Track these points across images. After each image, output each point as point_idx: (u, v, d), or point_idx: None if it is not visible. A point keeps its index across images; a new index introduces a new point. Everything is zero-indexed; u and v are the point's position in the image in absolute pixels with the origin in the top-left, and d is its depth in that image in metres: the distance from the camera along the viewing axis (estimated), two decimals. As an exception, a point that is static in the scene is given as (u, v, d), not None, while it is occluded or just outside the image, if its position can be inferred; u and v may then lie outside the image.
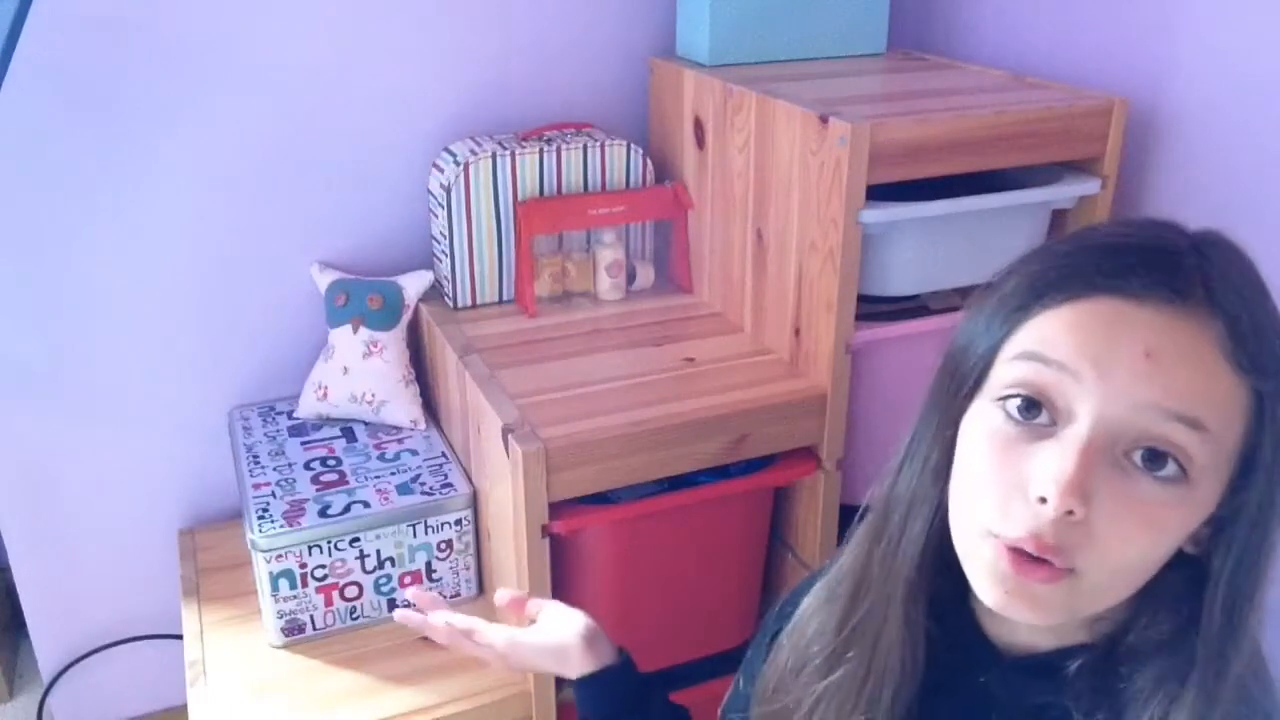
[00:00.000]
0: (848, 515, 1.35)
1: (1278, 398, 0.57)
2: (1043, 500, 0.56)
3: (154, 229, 1.48)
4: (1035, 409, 0.58)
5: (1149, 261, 0.58)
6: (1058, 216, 1.37)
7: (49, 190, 1.42)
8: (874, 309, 1.31)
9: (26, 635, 1.66)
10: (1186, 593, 0.60)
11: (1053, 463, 0.56)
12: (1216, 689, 0.58)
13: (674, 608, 1.39)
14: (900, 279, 1.30)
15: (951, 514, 0.64)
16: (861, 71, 1.50)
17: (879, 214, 1.20)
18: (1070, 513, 0.55)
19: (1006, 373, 0.60)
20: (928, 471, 0.67)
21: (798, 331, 1.33)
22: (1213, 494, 0.57)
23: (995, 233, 1.32)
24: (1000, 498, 0.58)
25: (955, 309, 1.36)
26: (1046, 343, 0.58)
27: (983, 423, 0.61)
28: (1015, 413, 0.59)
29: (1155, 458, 0.55)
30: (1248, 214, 1.25)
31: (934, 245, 1.29)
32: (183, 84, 1.43)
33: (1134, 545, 0.56)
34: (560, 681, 1.30)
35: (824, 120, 1.19)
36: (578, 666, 0.88)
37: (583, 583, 1.31)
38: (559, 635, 0.90)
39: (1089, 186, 1.31)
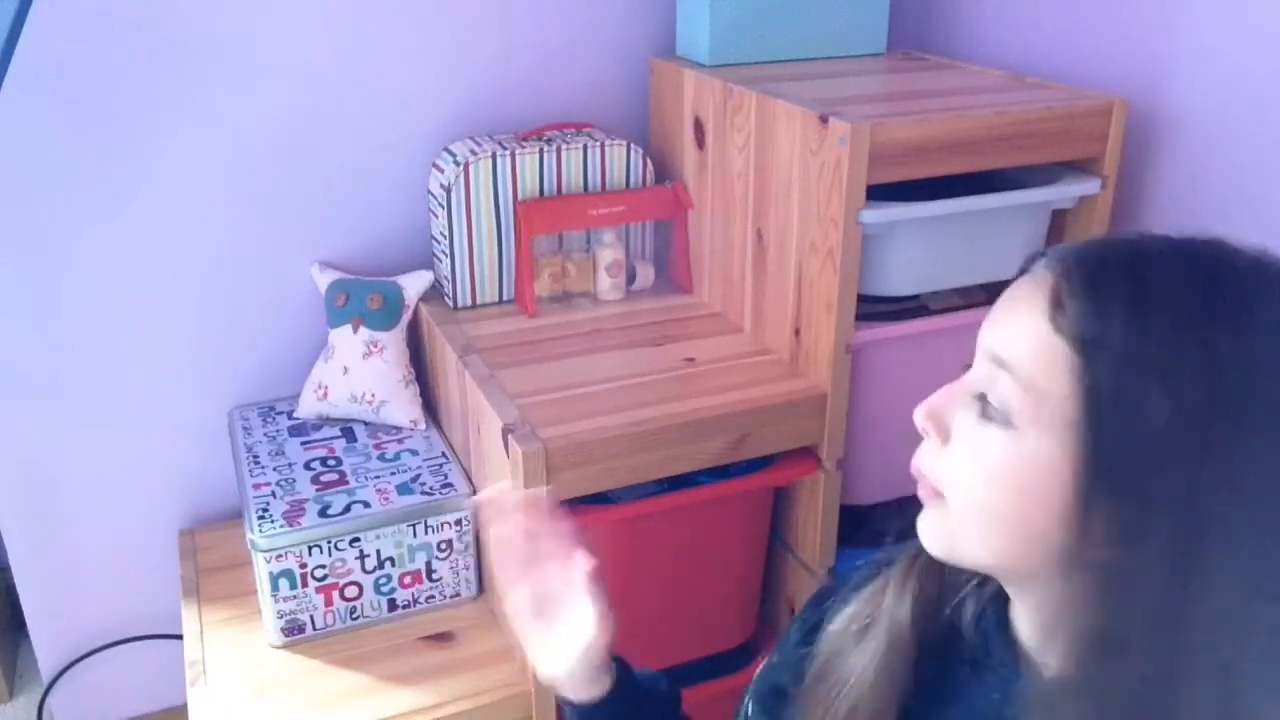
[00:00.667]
0: (847, 515, 1.36)
1: (1109, 354, 0.55)
2: (917, 425, 0.65)
3: (154, 229, 1.48)
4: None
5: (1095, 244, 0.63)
6: (1058, 216, 1.37)
7: (49, 190, 1.42)
8: (874, 309, 1.31)
9: (26, 635, 1.66)
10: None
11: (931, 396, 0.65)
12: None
13: (674, 608, 1.38)
14: (900, 279, 1.30)
15: None
16: (861, 71, 1.50)
17: (879, 214, 1.20)
18: (927, 433, 0.64)
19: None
20: None
21: (798, 331, 1.33)
22: (1047, 451, 0.57)
23: (995, 233, 1.32)
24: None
25: (955, 309, 1.36)
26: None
27: None
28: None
29: (986, 399, 0.61)
30: (1247, 214, 1.25)
31: (934, 245, 1.29)
32: (183, 84, 1.43)
33: (969, 474, 0.61)
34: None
35: (824, 120, 1.19)
36: (575, 692, 0.84)
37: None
38: (567, 652, 0.83)
39: (1089, 186, 1.31)
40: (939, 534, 0.65)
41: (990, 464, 0.60)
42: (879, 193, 1.20)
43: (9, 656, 1.87)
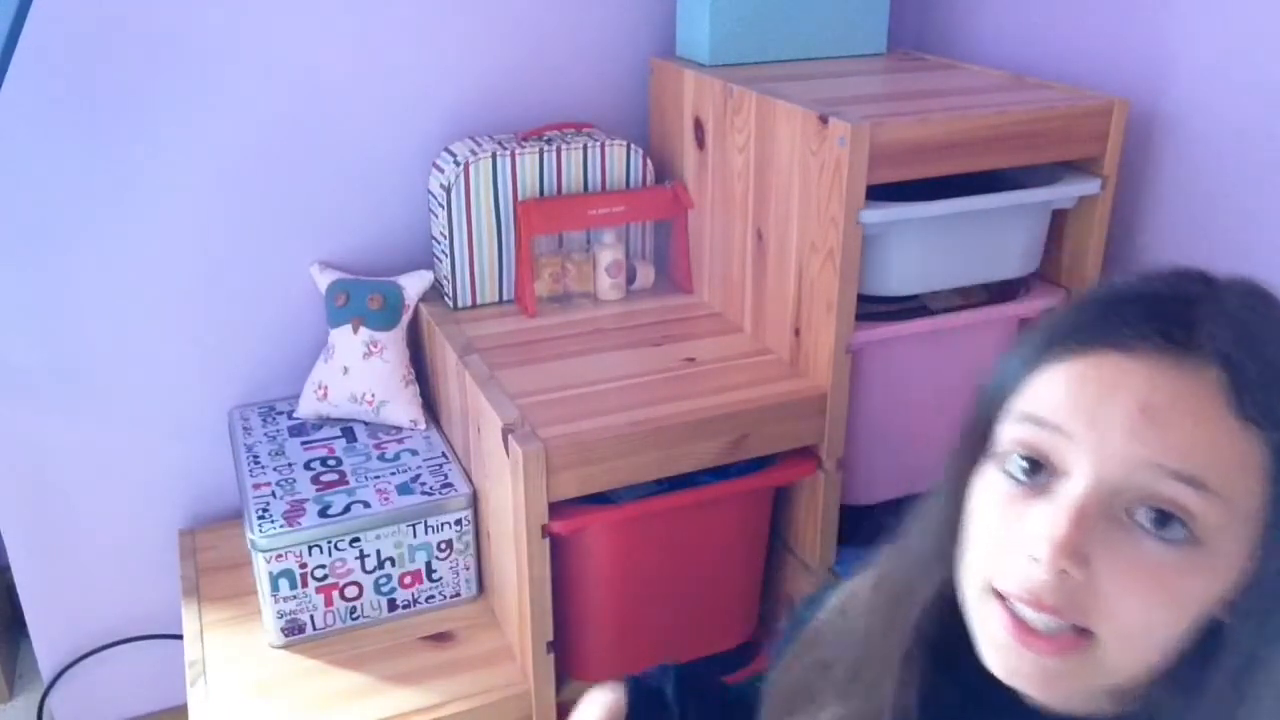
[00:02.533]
0: (847, 515, 1.36)
1: None
2: (1035, 560, 0.54)
3: (154, 229, 1.48)
4: (1035, 468, 0.57)
5: (1150, 310, 0.56)
6: (1058, 216, 1.37)
7: (49, 190, 1.42)
8: (874, 309, 1.31)
9: (26, 635, 1.66)
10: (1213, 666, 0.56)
11: (1046, 521, 0.54)
12: None
13: (674, 608, 1.38)
14: (900, 279, 1.30)
15: (960, 577, 0.62)
16: (861, 71, 1.50)
17: (879, 214, 1.20)
18: (1065, 573, 0.53)
19: (1007, 433, 0.59)
20: (938, 530, 0.65)
21: (798, 331, 1.33)
22: (1235, 557, 0.54)
23: (995, 233, 1.32)
24: (999, 554, 0.57)
25: (955, 309, 1.36)
26: (1042, 402, 0.57)
27: (987, 482, 0.60)
28: (1016, 472, 0.58)
29: (1160, 518, 0.52)
30: (1247, 213, 1.25)
31: (934, 245, 1.29)
32: (183, 84, 1.43)
33: (1146, 610, 0.53)
34: (560, 681, 1.30)
35: (824, 120, 1.19)
36: None
37: (583, 583, 1.31)
38: None
39: (1089, 186, 1.31)
40: (1073, 684, 0.56)
41: (1174, 587, 0.53)
42: (879, 193, 1.20)
43: (9, 656, 1.87)
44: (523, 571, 1.22)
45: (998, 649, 0.58)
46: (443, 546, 1.39)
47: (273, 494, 1.37)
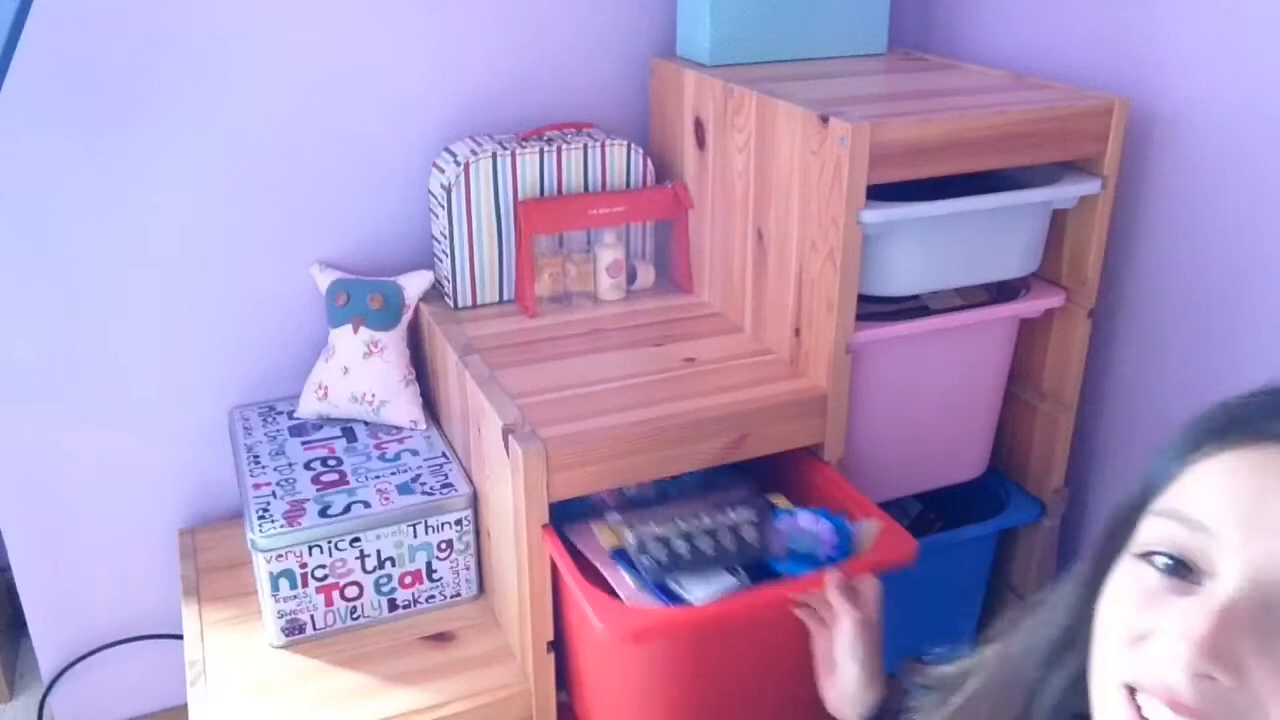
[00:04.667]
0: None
1: None
2: (1179, 642, 0.50)
3: (154, 229, 1.48)
4: (1181, 568, 0.53)
5: None
6: (1058, 216, 1.37)
7: (48, 190, 1.42)
8: (874, 309, 1.31)
9: (26, 635, 1.66)
10: None
11: (1188, 617, 0.50)
12: None
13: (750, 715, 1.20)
14: (900, 279, 1.30)
15: (1090, 675, 0.58)
16: (861, 71, 1.50)
17: (879, 214, 1.20)
18: (1212, 679, 0.49)
19: (1149, 529, 0.55)
20: (1065, 623, 0.62)
21: (798, 331, 1.33)
22: None
23: (995, 233, 1.32)
24: (1133, 644, 0.53)
25: (955, 309, 1.36)
26: (1188, 498, 0.53)
27: (1125, 575, 0.56)
28: (1160, 567, 0.54)
29: None
30: (1247, 213, 1.25)
31: (934, 245, 1.29)
32: (183, 83, 1.43)
33: None
34: (560, 682, 1.30)
35: (824, 120, 1.19)
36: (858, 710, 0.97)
37: (636, 682, 1.14)
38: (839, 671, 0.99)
39: (1089, 186, 1.31)
40: None
41: None
42: (879, 193, 1.20)
43: (9, 656, 1.87)
44: (523, 571, 1.22)
45: None
46: (443, 546, 1.39)
47: (273, 494, 1.37)
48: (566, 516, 1.22)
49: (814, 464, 1.32)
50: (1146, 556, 0.54)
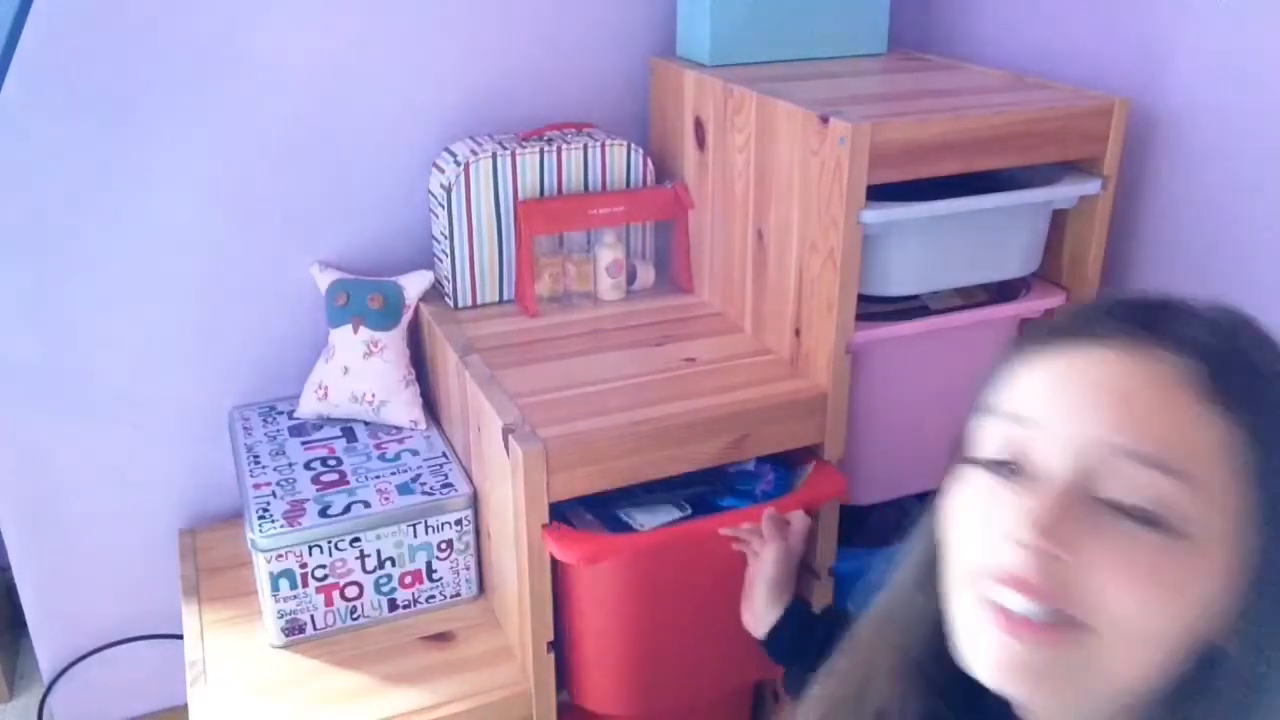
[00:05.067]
0: (847, 515, 1.36)
1: (1271, 443, 0.53)
2: (1019, 544, 0.54)
3: (154, 229, 1.48)
4: (1011, 463, 0.57)
5: (1123, 309, 0.57)
6: (1058, 216, 1.37)
7: (49, 190, 1.42)
8: (874, 309, 1.31)
9: (26, 635, 1.66)
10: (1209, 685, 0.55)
11: (1026, 506, 0.54)
12: None
13: (693, 640, 1.32)
14: (900, 279, 1.30)
15: (944, 581, 0.62)
16: (861, 71, 1.50)
17: (879, 214, 1.20)
18: (1053, 556, 0.53)
19: (984, 435, 0.60)
20: (926, 549, 0.65)
21: (798, 331, 1.33)
22: (1222, 555, 0.53)
23: (995, 233, 1.32)
24: (979, 542, 0.57)
25: (955, 309, 1.36)
26: (1018, 400, 0.58)
27: (961, 481, 0.60)
28: (990, 469, 0.58)
29: (1139, 505, 0.52)
30: (1247, 214, 1.25)
31: (934, 245, 1.29)
32: (183, 83, 1.43)
33: (1135, 600, 0.52)
34: (560, 682, 1.30)
35: (824, 120, 1.19)
36: (762, 626, 1.17)
37: (594, 606, 1.27)
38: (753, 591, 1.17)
39: (1089, 186, 1.31)
40: (1064, 682, 0.54)
41: (1164, 583, 0.52)
42: (879, 193, 1.20)
43: (9, 656, 1.87)
44: (523, 571, 1.22)
45: (985, 644, 0.57)
46: (443, 546, 1.39)
47: (273, 494, 1.37)
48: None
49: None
50: (977, 460, 0.59)
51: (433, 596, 1.42)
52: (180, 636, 1.44)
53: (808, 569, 1.40)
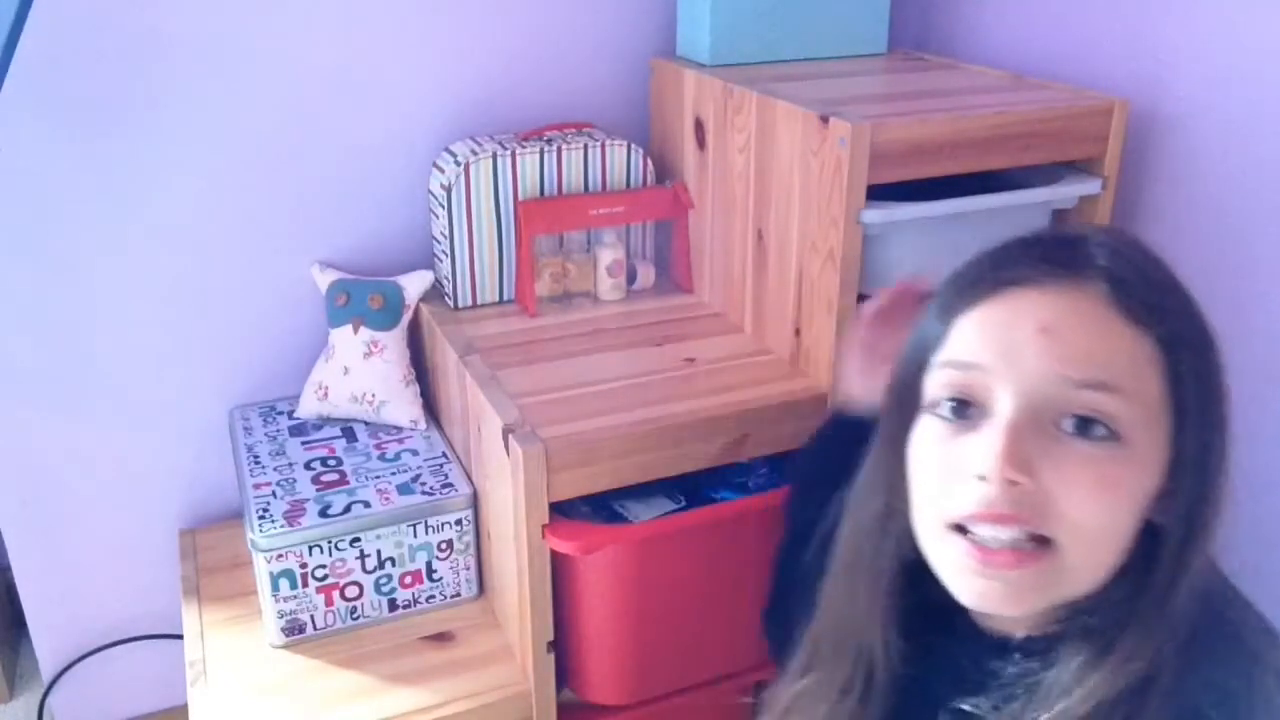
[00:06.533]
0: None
1: (1181, 342, 0.60)
2: (983, 479, 0.59)
3: (154, 229, 1.48)
4: (964, 408, 0.63)
5: (1037, 249, 0.64)
6: (1058, 216, 1.37)
7: (49, 190, 1.42)
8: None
9: (26, 635, 1.66)
10: (1145, 558, 0.62)
11: (985, 443, 0.60)
12: (1142, 643, 0.59)
13: (689, 630, 1.35)
14: (900, 279, 1.30)
15: (914, 525, 0.67)
16: (862, 71, 1.50)
17: (879, 214, 1.20)
18: (1014, 483, 0.59)
19: (933, 383, 0.65)
20: (883, 494, 0.70)
21: (798, 331, 1.33)
22: (1154, 450, 0.60)
23: (995, 233, 1.30)
24: (947, 487, 0.62)
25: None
26: (960, 348, 0.63)
27: (921, 432, 0.66)
28: (948, 414, 0.63)
29: (1082, 423, 0.59)
30: (1247, 213, 1.25)
31: (934, 245, 1.29)
32: (182, 84, 1.43)
33: (1093, 505, 0.59)
34: (560, 680, 1.30)
35: (824, 120, 1.19)
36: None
37: (592, 597, 1.28)
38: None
39: (1089, 186, 1.31)
40: (1039, 595, 0.61)
41: (1113, 481, 0.59)
42: (879, 193, 1.20)
43: (9, 656, 1.87)
44: (523, 571, 1.22)
45: (964, 577, 0.62)
46: (443, 546, 1.39)
47: (273, 494, 1.37)
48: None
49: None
50: (935, 407, 0.64)
51: (433, 596, 1.42)
52: (180, 636, 1.44)
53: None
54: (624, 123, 1.66)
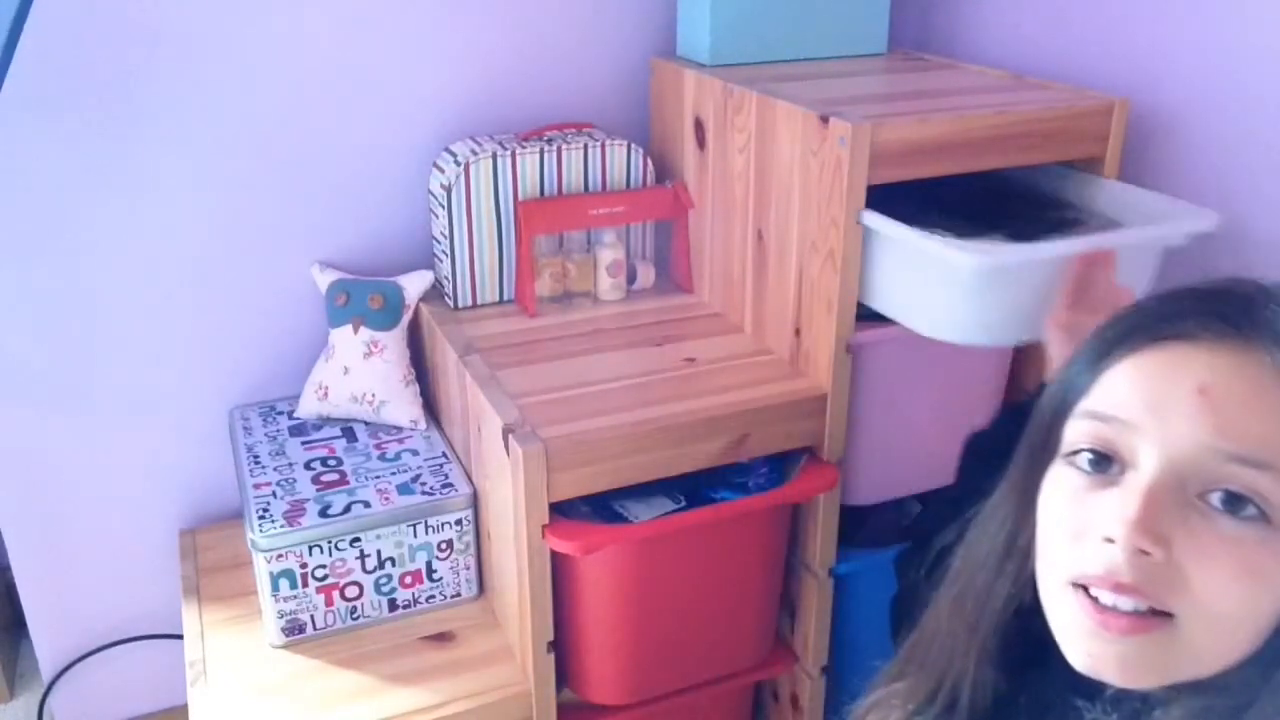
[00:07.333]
0: (847, 515, 1.36)
1: None
2: (1110, 541, 0.55)
3: (154, 229, 1.48)
4: (1104, 462, 0.59)
5: (1210, 302, 0.58)
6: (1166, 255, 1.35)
7: (49, 190, 1.42)
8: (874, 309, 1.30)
9: (26, 635, 1.66)
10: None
11: (1118, 504, 0.56)
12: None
13: (690, 630, 1.35)
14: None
15: (1037, 574, 0.64)
16: (862, 71, 1.50)
17: (990, 259, 1.16)
18: (1144, 553, 0.54)
19: (1073, 431, 0.61)
20: (1007, 532, 0.67)
21: (798, 331, 1.33)
22: None
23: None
24: (1075, 544, 0.59)
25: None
26: (1106, 399, 0.59)
27: (1055, 481, 0.62)
28: (1085, 466, 0.59)
29: (1232, 500, 0.54)
30: (1247, 214, 1.25)
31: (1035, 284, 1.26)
32: (183, 83, 1.43)
33: (1230, 590, 0.54)
34: (561, 680, 1.30)
35: (824, 120, 1.19)
36: None
37: (591, 597, 1.29)
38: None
39: (1203, 222, 1.23)
40: (1152, 669, 0.57)
41: (1258, 573, 0.54)
42: (879, 192, 1.20)
43: (9, 656, 1.87)
44: (523, 571, 1.22)
45: (1078, 637, 0.59)
46: (443, 546, 1.39)
47: (273, 494, 1.37)
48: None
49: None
50: (1073, 457, 0.60)
51: (433, 596, 1.42)
52: (180, 636, 1.44)
53: (804, 567, 1.40)
54: (624, 123, 1.66)
